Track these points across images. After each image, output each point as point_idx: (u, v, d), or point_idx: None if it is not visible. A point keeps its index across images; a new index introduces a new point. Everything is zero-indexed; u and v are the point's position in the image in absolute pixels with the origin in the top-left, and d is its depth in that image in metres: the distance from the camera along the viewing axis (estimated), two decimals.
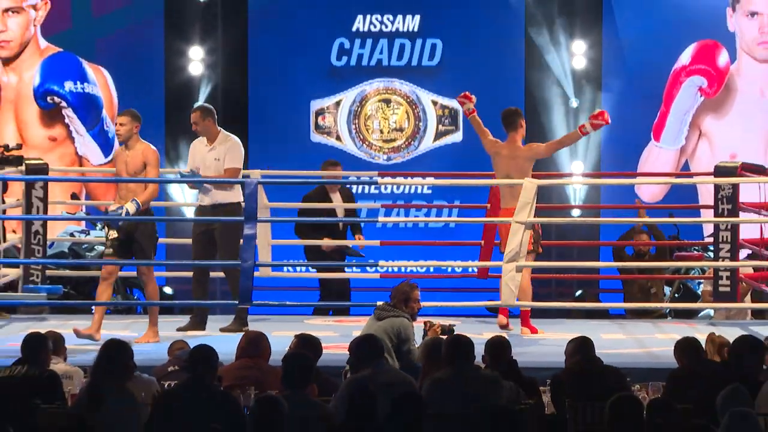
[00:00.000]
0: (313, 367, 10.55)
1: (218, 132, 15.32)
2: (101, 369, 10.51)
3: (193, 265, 15.65)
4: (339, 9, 20.83)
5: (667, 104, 20.43)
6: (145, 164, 14.32)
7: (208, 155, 15.21)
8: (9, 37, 20.63)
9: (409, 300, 12.63)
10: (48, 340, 11.46)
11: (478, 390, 10.45)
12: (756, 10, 20.50)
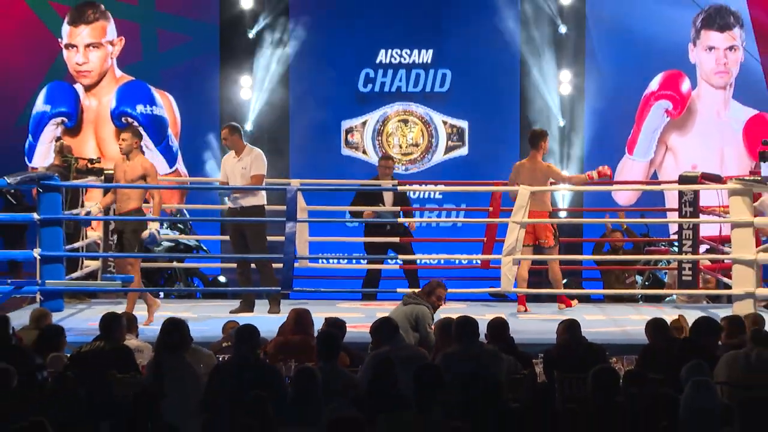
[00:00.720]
0: (339, 343, 10.58)
1: (244, 146, 15.46)
2: (161, 344, 10.55)
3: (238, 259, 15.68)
4: (365, 44, 20.80)
5: (639, 124, 20.45)
6: (145, 176, 14.45)
7: (237, 165, 15.35)
8: (90, 68, 20.67)
9: (433, 294, 12.63)
10: (122, 319, 11.49)
11: (481, 362, 10.45)
12: (713, 45, 20.51)
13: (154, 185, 14.69)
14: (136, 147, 14.52)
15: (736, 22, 20.56)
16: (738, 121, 20.62)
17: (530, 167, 15.78)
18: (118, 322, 11.32)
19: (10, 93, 20.77)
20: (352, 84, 20.85)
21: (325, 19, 20.82)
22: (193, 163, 20.69)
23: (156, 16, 20.93)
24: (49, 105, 20.60)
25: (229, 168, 15.44)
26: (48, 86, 20.66)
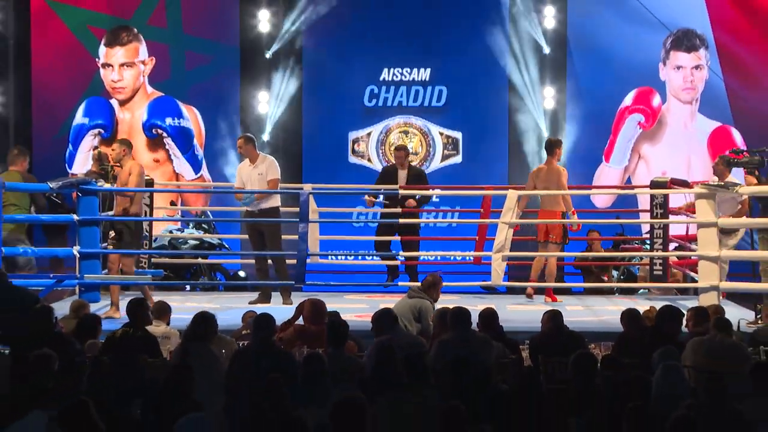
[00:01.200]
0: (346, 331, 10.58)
1: (258, 154, 15.59)
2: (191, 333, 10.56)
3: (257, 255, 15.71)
4: (370, 63, 20.78)
5: (615, 134, 20.44)
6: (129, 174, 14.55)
7: (253, 172, 15.46)
8: (124, 85, 20.68)
9: (434, 288, 12.64)
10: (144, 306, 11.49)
11: (473, 348, 10.45)
12: (681, 65, 20.50)
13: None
14: (125, 154, 14.65)
15: (702, 44, 20.55)
16: (703, 133, 20.60)
17: (547, 171, 16.07)
18: (141, 307, 11.36)
19: (52, 107, 20.79)
20: (358, 99, 20.84)
21: (334, 41, 20.81)
22: (216, 170, 20.69)
23: (183, 39, 20.92)
24: (87, 118, 20.61)
25: (245, 175, 15.53)
26: (86, 101, 20.67)
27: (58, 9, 20.76)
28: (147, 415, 8.70)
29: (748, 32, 20.55)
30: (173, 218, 18.72)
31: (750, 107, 20.48)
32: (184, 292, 16.70)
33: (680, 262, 17.05)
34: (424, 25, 20.61)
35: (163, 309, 12.18)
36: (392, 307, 11.75)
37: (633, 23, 20.39)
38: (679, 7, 20.51)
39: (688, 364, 10.19)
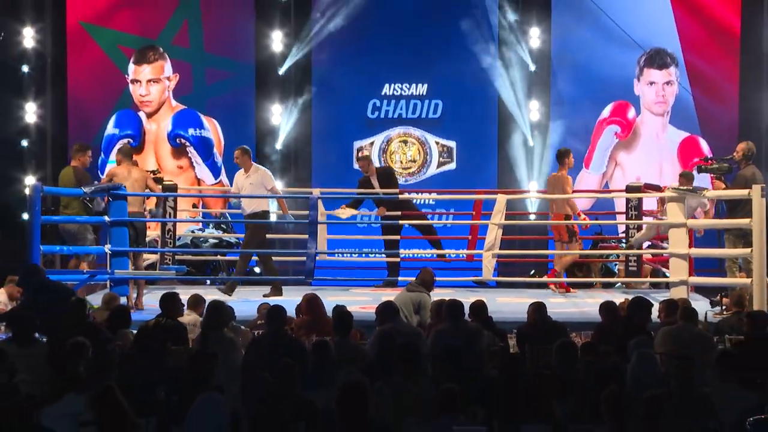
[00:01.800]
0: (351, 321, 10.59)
1: (251, 165, 15.75)
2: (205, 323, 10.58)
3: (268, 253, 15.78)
4: (372, 79, 20.78)
5: (594, 144, 20.46)
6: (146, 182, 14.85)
7: (246, 181, 15.65)
8: (151, 99, 20.70)
9: (430, 282, 12.65)
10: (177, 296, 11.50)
11: (466, 336, 10.45)
12: (653, 81, 20.51)
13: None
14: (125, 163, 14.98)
15: (672, 62, 20.55)
16: (673, 142, 20.60)
17: (555, 178, 16.33)
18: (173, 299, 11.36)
19: (86, 119, 20.79)
20: (362, 111, 20.84)
21: (340, 59, 20.81)
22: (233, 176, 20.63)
23: (204, 57, 20.93)
24: (117, 128, 20.63)
25: (240, 182, 15.72)
26: (117, 113, 20.69)
27: (91, 30, 20.79)
28: (170, 398, 8.71)
29: (714, 51, 20.55)
30: (195, 219, 18.72)
31: (715, 119, 20.50)
32: (205, 286, 16.69)
33: (653, 259, 17.07)
34: (421, 44, 20.60)
35: (196, 301, 12.26)
36: (393, 299, 11.75)
37: (610, 43, 20.39)
38: (651, 28, 20.52)
39: (659, 351, 10.20)
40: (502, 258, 16.60)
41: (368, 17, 20.70)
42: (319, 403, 8.54)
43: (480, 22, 20.52)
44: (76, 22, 20.79)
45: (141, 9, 20.83)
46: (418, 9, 20.64)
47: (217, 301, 10.84)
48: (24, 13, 20.55)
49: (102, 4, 20.82)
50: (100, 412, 7.92)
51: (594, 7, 20.39)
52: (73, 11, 20.79)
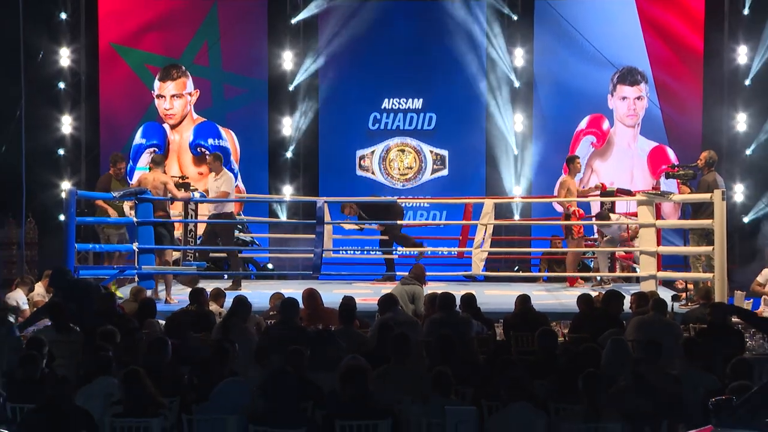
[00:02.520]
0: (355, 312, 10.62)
1: (222, 169, 15.81)
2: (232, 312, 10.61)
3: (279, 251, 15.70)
4: (373, 94, 20.75)
5: (572, 152, 20.37)
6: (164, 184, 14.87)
7: (214, 184, 15.77)
8: (174, 112, 20.69)
9: (423, 276, 12.68)
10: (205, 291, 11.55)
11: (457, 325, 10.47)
12: (625, 95, 20.49)
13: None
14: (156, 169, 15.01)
15: (642, 79, 20.55)
16: (643, 151, 20.60)
17: (562, 181, 16.46)
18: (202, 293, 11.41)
19: (116, 130, 20.79)
20: (363, 123, 20.82)
21: (344, 76, 20.78)
22: (248, 181, 20.70)
23: (222, 75, 20.92)
24: (144, 138, 20.62)
25: (210, 184, 15.86)
26: (144, 125, 20.68)
27: (121, 51, 20.79)
28: (192, 379, 8.73)
29: (680, 69, 20.56)
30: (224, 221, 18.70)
31: (681, 130, 20.50)
32: (223, 279, 16.69)
33: (625, 256, 17.08)
34: (417, 63, 20.60)
35: (219, 294, 12.39)
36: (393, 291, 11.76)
37: (586, 62, 20.38)
38: (623, 48, 20.51)
39: (631, 338, 10.22)
40: (489, 255, 16.60)
41: (369, 40, 20.70)
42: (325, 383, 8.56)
43: (470, 44, 20.50)
44: (107, 43, 20.81)
45: (165, 32, 20.84)
46: (414, 32, 20.64)
47: (242, 296, 10.89)
48: (61, 36, 20.58)
49: (130, 28, 20.83)
50: (127, 392, 7.94)
51: (572, 30, 20.38)
52: (104, 34, 20.81)
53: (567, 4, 20.54)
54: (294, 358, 8.55)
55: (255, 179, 20.67)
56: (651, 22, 20.57)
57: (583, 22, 20.44)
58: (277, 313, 10.94)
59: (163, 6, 20.87)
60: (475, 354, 9.50)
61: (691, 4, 20.57)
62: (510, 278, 16.88)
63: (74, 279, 12.20)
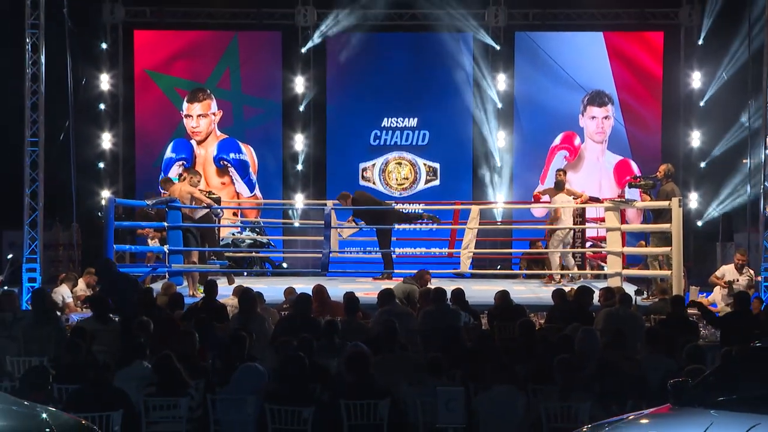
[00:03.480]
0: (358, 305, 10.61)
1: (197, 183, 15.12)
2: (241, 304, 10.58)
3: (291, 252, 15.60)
4: (374, 114, 20.77)
5: (548, 165, 20.45)
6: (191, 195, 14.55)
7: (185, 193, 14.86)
8: (200, 130, 20.70)
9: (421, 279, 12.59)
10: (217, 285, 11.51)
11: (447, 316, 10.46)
12: (594, 115, 20.55)
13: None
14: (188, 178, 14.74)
15: (609, 101, 20.58)
16: (610, 164, 20.62)
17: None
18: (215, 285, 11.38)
19: (149, 145, 20.82)
20: (365, 139, 20.84)
21: (348, 98, 20.82)
22: (265, 190, 20.72)
23: (242, 97, 20.95)
24: (174, 153, 20.64)
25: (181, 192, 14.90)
26: (174, 141, 20.71)
27: (153, 76, 20.81)
28: (215, 363, 8.72)
29: (642, 92, 20.60)
30: (235, 224, 18.71)
31: (643, 146, 20.53)
32: (242, 277, 16.66)
33: (594, 256, 17.07)
34: (412, 87, 20.63)
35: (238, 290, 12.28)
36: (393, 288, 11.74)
37: (560, 86, 20.40)
38: (592, 74, 20.54)
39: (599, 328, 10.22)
40: (475, 255, 16.59)
41: (371, 67, 20.75)
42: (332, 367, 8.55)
43: (458, 71, 20.54)
44: (141, 70, 20.83)
45: (192, 60, 20.87)
46: (409, 60, 20.69)
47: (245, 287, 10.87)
48: (102, 63, 20.61)
49: (162, 56, 20.86)
50: (160, 375, 7.94)
51: (548, 59, 20.41)
52: (139, 61, 20.84)
53: (543, 36, 20.58)
54: (304, 345, 8.54)
55: (270, 188, 20.69)
56: (616, 52, 20.60)
57: (558, 52, 20.49)
58: (290, 306, 10.92)
59: (190, 37, 20.90)
60: (464, 341, 9.50)
61: (651, 36, 20.62)
62: (494, 275, 16.86)
63: (118, 272, 12.20)
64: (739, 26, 17.32)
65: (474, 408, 7.86)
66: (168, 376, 7.88)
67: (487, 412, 7.76)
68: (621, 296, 11.18)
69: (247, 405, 7.77)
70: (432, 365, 8.19)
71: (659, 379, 8.06)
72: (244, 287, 10.88)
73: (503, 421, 7.72)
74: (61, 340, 9.51)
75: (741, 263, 14.42)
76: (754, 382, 6.54)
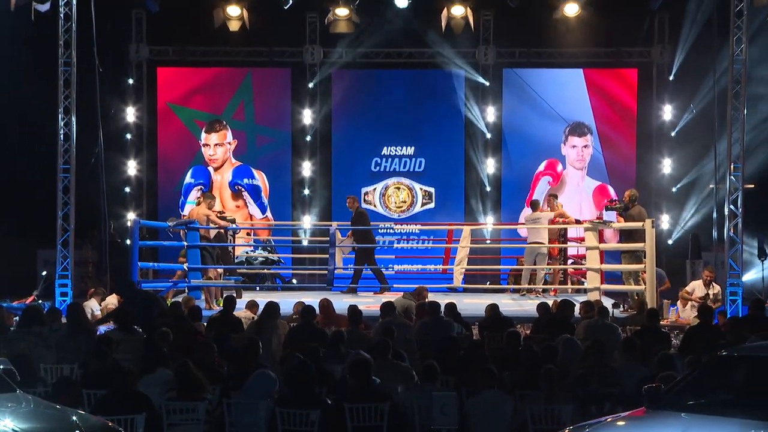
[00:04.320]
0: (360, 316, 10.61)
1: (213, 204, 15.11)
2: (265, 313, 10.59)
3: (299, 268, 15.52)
4: (374, 144, 20.76)
5: (533, 190, 20.43)
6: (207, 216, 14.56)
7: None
8: (217, 158, 20.71)
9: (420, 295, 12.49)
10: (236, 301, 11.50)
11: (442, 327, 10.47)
12: (575, 144, 20.55)
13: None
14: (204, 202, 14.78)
15: (588, 131, 20.62)
16: (589, 188, 20.63)
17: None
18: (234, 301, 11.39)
19: (171, 172, 20.84)
20: (367, 166, 20.84)
21: (351, 129, 20.84)
22: (276, 212, 20.73)
23: (255, 127, 20.98)
24: (193, 179, 20.66)
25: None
26: (193, 168, 20.73)
27: (175, 109, 20.86)
28: (230, 371, 8.72)
29: (618, 123, 20.65)
30: (249, 244, 18.72)
31: (619, 172, 20.55)
32: (255, 291, 16.66)
33: (575, 272, 17.07)
34: (410, 119, 20.65)
35: (253, 304, 12.33)
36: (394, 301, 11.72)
37: (544, 118, 20.45)
38: (573, 107, 20.58)
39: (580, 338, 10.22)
40: (467, 271, 16.61)
41: (372, 100, 20.80)
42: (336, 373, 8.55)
43: (451, 104, 20.60)
44: (164, 103, 20.89)
45: (210, 94, 20.92)
46: (407, 94, 20.74)
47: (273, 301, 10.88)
48: (128, 97, 20.68)
49: (183, 91, 20.92)
50: (180, 381, 7.94)
51: (533, 93, 20.47)
52: (162, 95, 20.90)
53: (529, 72, 20.65)
54: (311, 353, 8.54)
55: (281, 210, 20.69)
56: (595, 87, 20.67)
57: (542, 87, 20.55)
58: (299, 318, 10.92)
59: (208, 74, 20.96)
60: (456, 350, 9.50)
61: (626, 73, 20.70)
62: (484, 290, 16.85)
63: (137, 289, 12.20)
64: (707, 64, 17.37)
65: (466, 411, 7.86)
66: (187, 382, 7.88)
67: (478, 414, 7.76)
68: (599, 309, 11.20)
69: (259, 408, 7.77)
70: (427, 372, 8.19)
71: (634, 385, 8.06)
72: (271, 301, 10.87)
73: (493, 423, 7.72)
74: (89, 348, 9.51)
75: (709, 279, 14.44)
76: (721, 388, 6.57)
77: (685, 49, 19.74)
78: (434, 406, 7.81)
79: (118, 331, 10.10)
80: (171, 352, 8.86)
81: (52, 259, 15.69)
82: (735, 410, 6.06)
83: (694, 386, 6.59)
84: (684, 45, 19.77)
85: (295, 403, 7.65)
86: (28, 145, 17.67)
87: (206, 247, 14.65)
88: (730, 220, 14.93)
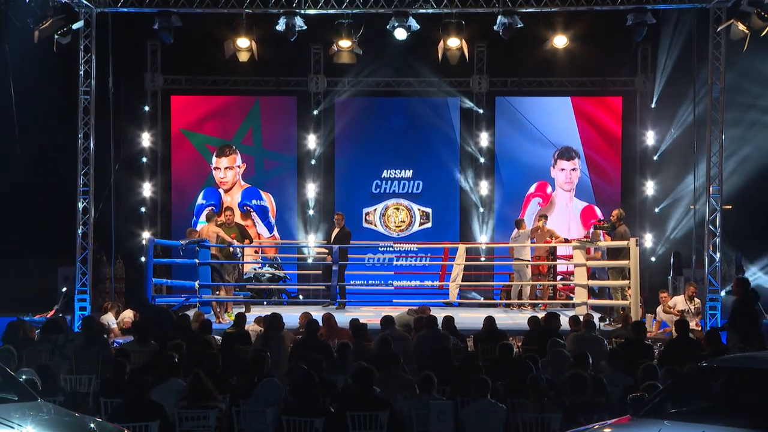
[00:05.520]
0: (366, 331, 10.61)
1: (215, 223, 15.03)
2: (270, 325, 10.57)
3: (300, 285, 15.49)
4: (375, 167, 20.76)
5: (524, 210, 20.42)
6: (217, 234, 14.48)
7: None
8: (227, 180, 20.71)
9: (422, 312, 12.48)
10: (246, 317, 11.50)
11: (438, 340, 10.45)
12: (563, 168, 20.55)
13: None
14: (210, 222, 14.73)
15: (576, 155, 20.64)
16: (577, 209, 20.63)
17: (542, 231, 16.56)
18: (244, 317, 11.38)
19: (184, 193, 20.85)
20: (368, 188, 20.84)
21: (353, 153, 20.86)
22: (282, 232, 20.72)
23: (263, 152, 21.00)
24: (204, 200, 20.65)
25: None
26: (204, 190, 20.73)
27: (187, 135, 20.90)
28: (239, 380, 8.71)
29: (604, 148, 20.67)
30: (257, 261, 18.71)
31: (605, 194, 20.56)
32: (262, 306, 16.64)
33: (564, 288, 17.07)
34: (408, 144, 20.65)
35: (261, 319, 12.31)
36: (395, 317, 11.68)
37: (534, 143, 20.48)
38: (562, 132, 20.62)
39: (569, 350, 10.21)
40: (462, 287, 16.60)
41: (373, 126, 20.82)
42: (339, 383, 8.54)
43: (447, 130, 20.63)
44: (177, 129, 20.93)
45: (220, 120, 20.97)
46: (406, 120, 20.76)
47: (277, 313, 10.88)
48: (143, 123, 20.73)
49: (194, 117, 20.97)
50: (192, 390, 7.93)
51: (524, 119, 20.51)
52: (175, 121, 20.95)
53: (520, 100, 20.71)
54: (316, 364, 8.53)
55: (287, 230, 20.69)
56: (582, 113, 20.72)
57: (532, 114, 20.61)
58: (304, 331, 10.92)
59: (219, 101, 21.03)
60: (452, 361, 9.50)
61: (612, 100, 20.76)
62: (477, 304, 16.82)
63: (150, 305, 12.21)
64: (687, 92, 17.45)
65: (461, 419, 7.85)
66: (199, 391, 7.87)
67: (473, 422, 7.75)
68: (586, 322, 11.19)
69: (267, 416, 7.76)
70: (425, 381, 8.18)
71: (620, 394, 8.05)
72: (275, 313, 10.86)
73: (486, 430, 7.71)
74: (106, 360, 9.51)
75: (693, 294, 14.48)
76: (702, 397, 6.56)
77: (666, 78, 19.83)
78: (431, 414, 7.80)
79: (134, 343, 10.10)
80: (184, 363, 8.85)
81: (72, 276, 15.71)
82: (715, 418, 6.05)
83: (676, 395, 6.59)
84: (664, 74, 19.85)
85: (299, 412, 7.64)
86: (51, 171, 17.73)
87: (215, 265, 14.65)
88: (709, 239, 14.95)
